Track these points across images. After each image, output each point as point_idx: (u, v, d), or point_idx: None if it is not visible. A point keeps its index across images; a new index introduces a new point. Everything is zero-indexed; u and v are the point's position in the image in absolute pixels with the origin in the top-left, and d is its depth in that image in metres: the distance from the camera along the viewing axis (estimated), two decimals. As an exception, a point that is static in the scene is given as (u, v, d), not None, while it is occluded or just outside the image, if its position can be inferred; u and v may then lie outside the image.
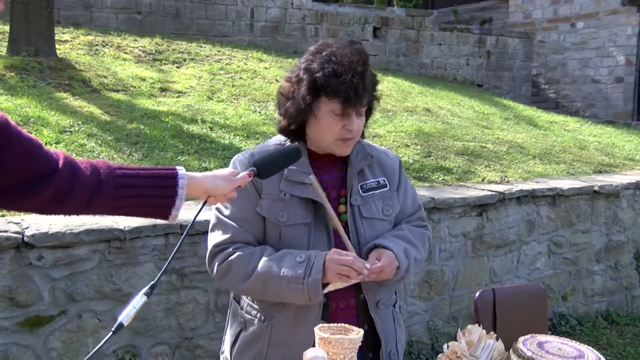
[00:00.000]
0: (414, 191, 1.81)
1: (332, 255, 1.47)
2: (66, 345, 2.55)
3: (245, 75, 6.55)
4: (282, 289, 1.49)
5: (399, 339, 1.70)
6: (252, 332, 1.61)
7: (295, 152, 1.49)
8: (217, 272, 1.57)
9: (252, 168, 1.40)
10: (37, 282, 2.48)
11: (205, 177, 1.34)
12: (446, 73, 10.68)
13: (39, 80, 5.11)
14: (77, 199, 1.18)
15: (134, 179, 1.23)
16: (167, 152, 3.91)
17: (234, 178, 1.37)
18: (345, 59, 1.51)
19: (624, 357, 4.03)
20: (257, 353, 1.59)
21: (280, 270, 1.48)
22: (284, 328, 1.57)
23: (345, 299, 1.60)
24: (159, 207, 1.25)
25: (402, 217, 1.72)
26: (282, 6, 9.26)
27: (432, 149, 5.09)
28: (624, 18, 11.88)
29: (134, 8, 8.32)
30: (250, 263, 1.52)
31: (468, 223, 3.83)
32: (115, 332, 1.05)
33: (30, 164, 1.13)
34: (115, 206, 1.22)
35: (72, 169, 1.18)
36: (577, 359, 1.30)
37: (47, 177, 1.15)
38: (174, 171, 1.27)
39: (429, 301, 3.75)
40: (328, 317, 1.56)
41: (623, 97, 11.99)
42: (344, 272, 1.44)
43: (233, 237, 1.56)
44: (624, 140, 7.61)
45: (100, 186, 1.20)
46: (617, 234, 4.78)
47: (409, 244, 1.64)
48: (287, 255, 1.51)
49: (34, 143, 1.16)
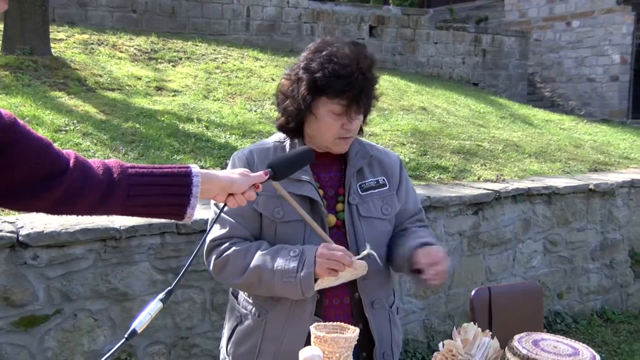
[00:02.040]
0: (415, 192, 1.81)
1: (321, 249, 1.48)
2: (61, 344, 2.55)
3: (241, 74, 6.54)
4: (275, 283, 1.49)
5: (395, 340, 1.70)
6: (247, 326, 1.63)
7: (309, 154, 1.48)
8: (214, 267, 1.59)
9: (268, 169, 1.38)
10: (32, 282, 2.48)
11: (220, 174, 1.31)
12: (442, 72, 10.69)
13: (34, 79, 5.09)
14: (89, 199, 1.16)
15: (147, 178, 1.20)
16: (163, 151, 3.90)
17: (250, 175, 1.34)
18: (347, 60, 1.50)
19: (618, 354, 4.05)
20: (251, 347, 1.61)
21: (274, 264, 1.49)
22: (277, 323, 1.58)
23: (340, 297, 1.60)
24: (174, 206, 1.22)
25: (405, 218, 1.72)
26: (278, 5, 9.25)
27: (428, 148, 5.10)
28: (619, 17, 11.92)
29: (129, 7, 8.30)
30: (246, 258, 1.53)
31: (464, 221, 3.83)
32: (128, 339, 1.02)
33: (40, 164, 1.11)
34: (127, 205, 1.19)
35: (84, 168, 1.16)
36: (572, 356, 1.31)
37: (58, 177, 1.12)
38: (188, 169, 1.24)
39: (425, 300, 3.76)
40: (321, 314, 1.57)
41: (618, 96, 12.03)
42: (333, 266, 1.44)
43: (230, 232, 1.58)
44: (619, 139, 7.64)
45: (113, 185, 1.17)
46: (612, 232, 4.80)
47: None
48: (282, 250, 1.52)
49: (44, 142, 1.14)
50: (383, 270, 1.66)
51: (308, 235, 1.55)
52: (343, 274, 1.47)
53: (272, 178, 1.38)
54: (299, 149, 1.53)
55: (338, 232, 1.61)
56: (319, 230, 1.50)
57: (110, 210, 1.20)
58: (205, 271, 2.85)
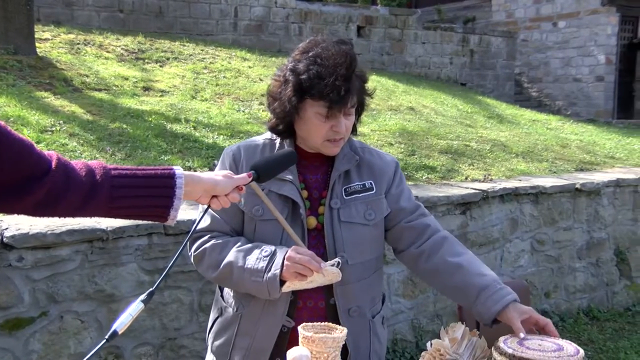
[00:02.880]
0: (410, 191, 1.76)
1: (290, 252, 1.47)
2: (47, 347, 2.52)
3: (229, 74, 6.52)
4: (245, 281, 1.50)
5: (375, 351, 1.66)
6: (226, 319, 1.65)
7: (292, 156, 1.49)
8: (194, 258, 1.62)
9: (251, 171, 1.39)
10: (17, 284, 2.45)
11: (203, 176, 1.32)
12: (430, 72, 10.73)
13: (19, 79, 5.04)
14: (71, 201, 1.15)
15: (130, 179, 1.20)
16: (151, 152, 3.88)
17: (233, 177, 1.35)
18: (330, 61, 1.48)
19: (604, 351, 4.09)
20: (227, 339, 1.63)
21: (245, 262, 1.50)
22: (251, 319, 1.59)
23: (314, 300, 1.59)
24: (157, 207, 1.22)
25: (403, 217, 1.67)
26: (266, 5, 9.23)
27: (416, 148, 5.12)
28: (604, 18, 12.05)
29: (116, 6, 8.25)
30: (222, 253, 1.54)
31: (452, 221, 3.85)
32: (109, 339, 1.02)
33: (22, 165, 1.10)
34: (111, 207, 1.19)
35: (66, 169, 1.15)
36: (556, 351, 1.32)
37: (40, 178, 1.11)
38: (171, 171, 1.24)
39: (413, 299, 3.77)
40: (294, 315, 1.57)
41: (604, 96, 12.16)
42: (299, 270, 1.43)
43: (211, 226, 1.60)
44: (604, 139, 7.72)
45: (96, 187, 1.16)
46: (598, 231, 4.84)
47: (476, 261, 1.61)
48: (255, 249, 1.52)
49: (26, 143, 1.12)
50: (367, 278, 1.63)
51: (286, 235, 1.54)
52: (314, 279, 1.45)
53: (255, 180, 1.39)
54: (282, 151, 1.53)
55: (318, 235, 1.59)
56: (291, 232, 1.49)
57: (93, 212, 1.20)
58: (193, 272, 2.84)
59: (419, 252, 1.64)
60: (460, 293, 1.57)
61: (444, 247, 1.62)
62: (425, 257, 1.62)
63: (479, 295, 1.52)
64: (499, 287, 1.52)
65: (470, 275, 1.56)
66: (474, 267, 1.59)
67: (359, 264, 1.60)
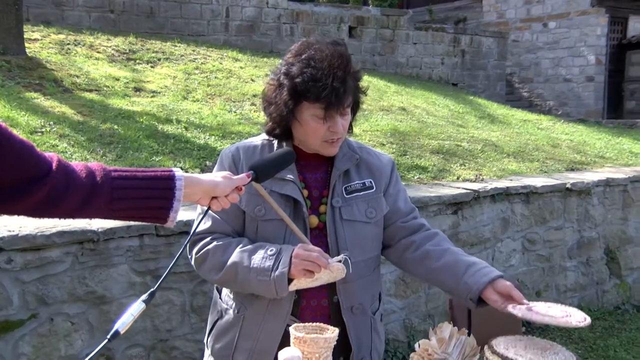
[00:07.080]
0: (406, 192, 1.79)
1: (297, 250, 1.47)
2: (37, 350, 2.50)
3: (221, 75, 6.50)
4: (251, 280, 1.49)
5: (375, 348, 1.68)
6: (226, 321, 1.64)
7: (290, 155, 1.49)
8: (195, 261, 1.60)
9: (250, 171, 1.39)
10: (6, 286, 2.43)
11: (203, 177, 1.32)
12: (421, 72, 10.76)
13: (8, 79, 5.00)
14: (71, 202, 1.15)
15: (131, 181, 1.20)
16: (142, 153, 3.86)
17: (233, 177, 1.35)
18: (325, 63, 1.48)
19: (594, 350, 4.12)
20: (229, 341, 1.62)
21: (251, 262, 1.49)
22: (254, 320, 1.58)
23: (318, 299, 1.60)
24: (157, 209, 1.22)
25: (398, 217, 1.70)
26: (258, 5, 9.22)
27: (407, 148, 5.13)
28: (594, 19, 12.13)
29: (107, 7, 8.20)
30: (225, 254, 1.54)
31: (443, 221, 3.86)
32: (111, 339, 1.02)
33: (23, 167, 1.10)
34: (110, 209, 1.19)
35: (66, 171, 1.16)
36: (564, 318, 1.40)
37: (41, 180, 1.12)
38: (171, 173, 1.24)
39: (405, 299, 3.77)
40: (298, 314, 1.57)
41: (594, 96, 12.24)
42: (308, 267, 1.44)
43: (212, 228, 1.59)
44: (594, 138, 7.76)
45: (96, 189, 1.17)
46: (589, 230, 4.87)
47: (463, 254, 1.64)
48: (260, 248, 1.52)
49: (26, 145, 1.13)
50: (368, 275, 1.65)
51: (289, 234, 1.55)
52: (320, 276, 1.46)
53: (254, 180, 1.39)
54: (280, 150, 1.53)
55: (320, 234, 1.60)
56: (296, 231, 1.50)
57: (93, 214, 1.20)
58: (185, 273, 2.83)
59: (408, 242, 1.68)
60: (448, 270, 1.59)
61: (435, 239, 1.67)
62: (414, 247, 1.66)
63: (467, 269, 1.56)
64: (487, 265, 1.58)
65: (459, 254, 1.62)
66: (462, 252, 1.65)
67: (361, 261, 1.61)
